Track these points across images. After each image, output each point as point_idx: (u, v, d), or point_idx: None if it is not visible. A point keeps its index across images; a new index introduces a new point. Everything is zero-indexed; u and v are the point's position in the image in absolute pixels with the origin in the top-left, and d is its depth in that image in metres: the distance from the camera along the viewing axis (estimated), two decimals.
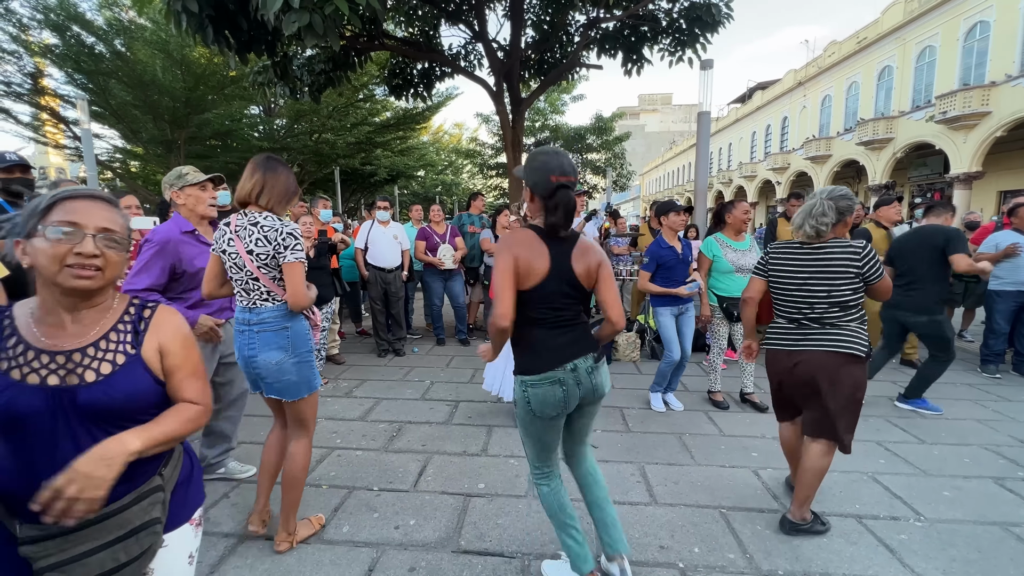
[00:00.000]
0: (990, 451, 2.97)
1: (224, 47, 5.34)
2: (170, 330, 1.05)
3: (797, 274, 2.12)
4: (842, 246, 2.05)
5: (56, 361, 0.92)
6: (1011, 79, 15.14)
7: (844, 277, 2.03)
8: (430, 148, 23.90)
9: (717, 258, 3.62)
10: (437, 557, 2.01)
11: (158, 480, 0.99)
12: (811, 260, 2.09)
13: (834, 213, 2.05)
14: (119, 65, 10.86)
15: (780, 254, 2.20)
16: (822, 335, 2.07)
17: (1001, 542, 2.10)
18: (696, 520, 2.27)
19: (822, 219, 2.04)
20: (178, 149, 12.75)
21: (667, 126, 60.28)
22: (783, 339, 2.20)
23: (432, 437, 3.18)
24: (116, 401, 0.93)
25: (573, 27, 8.50)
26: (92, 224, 0.92)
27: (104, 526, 0.89)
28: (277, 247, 1.84)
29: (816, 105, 25.53)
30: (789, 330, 2.18)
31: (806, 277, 2.09)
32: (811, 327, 2.11)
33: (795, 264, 2.13)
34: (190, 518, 1.08)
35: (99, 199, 0.97)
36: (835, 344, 2.05)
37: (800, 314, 2.13)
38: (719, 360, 3.78)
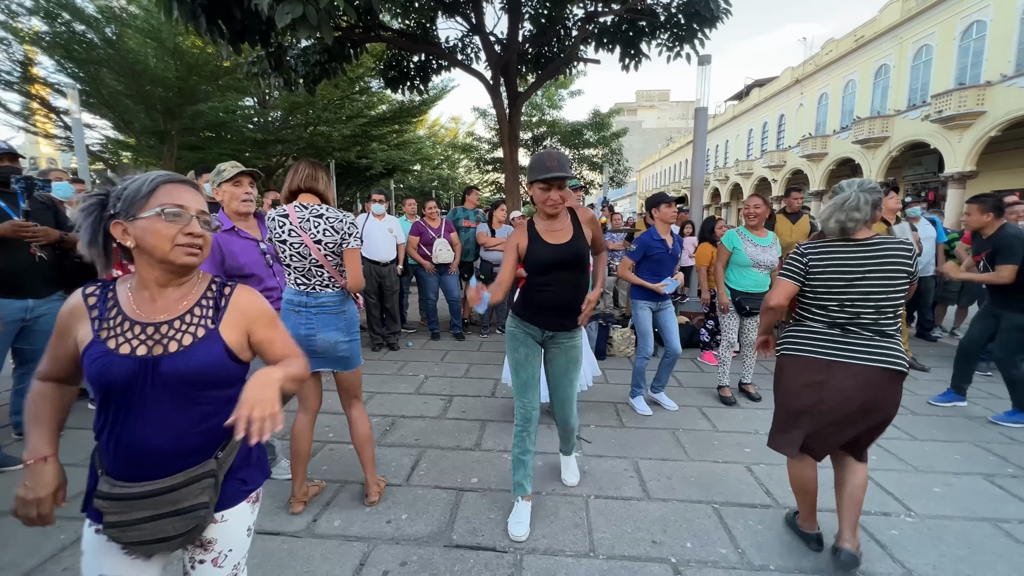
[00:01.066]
0: (980, 448, 2.99)
1: (217, 37, 5.26)
2: (252, 309, 1.13)
3: (845, 274, 1.83)
4: (895, 243, 1.83)
5: (146, 332, 1.01)
6: (1006, 79, 15.19)
7: (899, 277, 1.79)
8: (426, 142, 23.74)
9: (736, 251, 3.59)
10: (429, 551, 2.01)
11: (212, 464, 1.05)
12: (863, 257, 1.82)
13: (869, 208, 1.83)
14: (110, 54, 10.70)
15: (822, 253, 1.89)
16: (871, 346, 1.81)
17: (990, 538, 2.12)
18: (689, 515, 2.28)
19: (853, 214, 1.83)
20: (171, 140, 12.61)
21: (664, 122, 60.23)
22: (819, 345, 1.89)
23: (425, 431, 3.17)
24: (191, 370, 1.01)
25: (571, 21, 8.43)
26: (194, 207, 1.03)
27: (157, 500, 0.98)
28: (343, 235, 2.13)
29: (813, 103, 25.55)
30: (830, 336, 1.87)
31: (857, 276, 1.81)
32: (860, 334, 1.83)
33: (842, 263, 1.84)
34: (248, 496, 1.16)
35: (192, 184, 1.08)
36: (886, 359, 1.79)
37: (846, 318, 1.85)
38: (728, 354, 3.77)
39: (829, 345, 1.87)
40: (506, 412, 3.50)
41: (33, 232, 2.82)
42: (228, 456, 1.10)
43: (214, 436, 1.06)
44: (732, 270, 3.65)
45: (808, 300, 1.94)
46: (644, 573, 1.89)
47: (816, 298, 1.91)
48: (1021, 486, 2.54)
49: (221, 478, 1.08)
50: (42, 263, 2.91)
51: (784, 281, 1.97)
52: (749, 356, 3.78)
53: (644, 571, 1.90)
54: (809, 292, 1.93)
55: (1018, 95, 14.74)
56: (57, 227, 3.02)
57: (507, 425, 3.28)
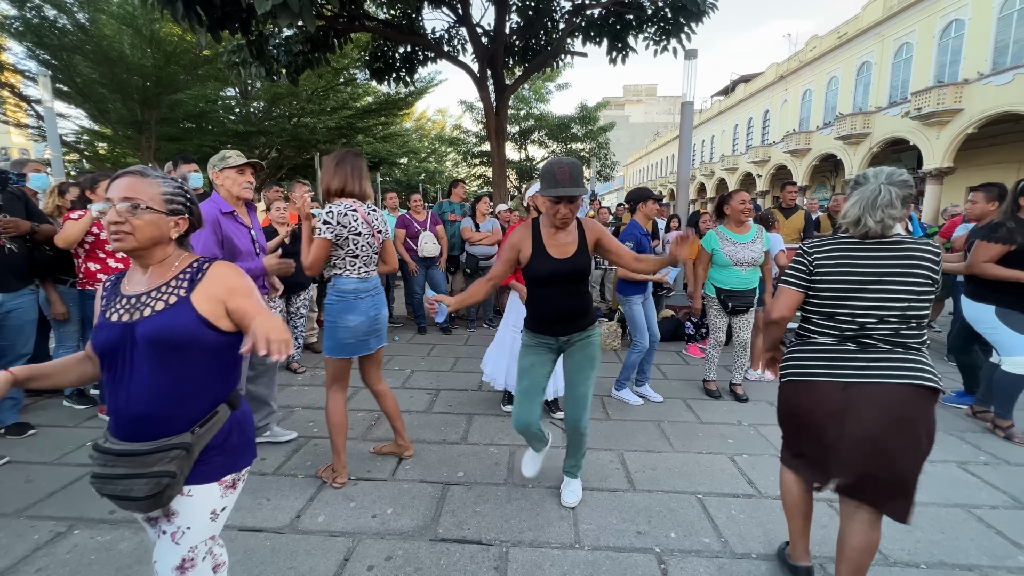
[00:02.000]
0: (954, 436, 3.07)
1: (195, 24, 5.12)
2: (226, 280, 1.20)
3: (859, 277, 1.53)
4: (920, 244, 1.52)
5: (130, 303, 1.15)
6: (983, 77, 15.54)
7: (924, 283, 1.48)
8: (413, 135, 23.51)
9: (716, 252, 3.58)
10: (415, 546, 2.00)
11: (187, 437, 1.13)
12: (881, 259, 1.52)
13: (901, 204, 1.51)
14: (83, 40, 10.36)
15: (831, 253, 1.58)
16: (894, 360, 1.49)
17: (963, 523, 2.18)
18: (673, 505, 2.30)
19: (889, 211, 1.50)
20: (149, 131, 12.28)
21: (651, 117, 60.49)
22: (830, 366, 1.56)
23: (411, 426, 3.15)
24: (160, 331, 1.11)
25: (558, 13, 8.39)
26: (117, 195, 1.12)
27: (132, 460, 1.10)
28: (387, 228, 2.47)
29: (797, 99, 25.86)
30: (842, 354, 1.56)
31: (873, 280, 1.51)
32: (878, 348, 1.52)
33: (857, 264, 1.54)
34: (220, 478, 1.20)
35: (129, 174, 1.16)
36: (914, 374, 1.47)
37: (860, 330, 1.53)
38: (716, 352, 3.77)
39: (845, 364, 1.55)
40: (493, 405, 3.49)
41: (3, 224, 2.73)
42: (206, 433, 1.17)
43: (193, 408, 1.16)
44: (715, 269, 3.64)
45: (813, 309, 1.63)
46: (628, 564, 1.91)
47: (823, 306, 1.60)
48: (993, 473, 2.62)
49: (196, 453, 1.15)
50: (12, 255, 2.82)
51: (786, 289, 1.67)
52: (741, 356, 3.74)
53: (628, 562, 1.92)
54: (815, 299, 1.61)
55: (994, 93, 15.09)
56: (28, 219, 2.92)
57: (494, 418, 3.27)
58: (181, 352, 1.13)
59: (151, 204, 1.14)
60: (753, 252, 3.53)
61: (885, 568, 1.89)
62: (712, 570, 1.88)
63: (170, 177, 1.22)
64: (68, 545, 1.96)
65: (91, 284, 3.05)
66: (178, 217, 1.20)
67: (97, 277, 3.04)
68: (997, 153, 16.75)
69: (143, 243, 1.14)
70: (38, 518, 2.12)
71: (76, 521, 2.10)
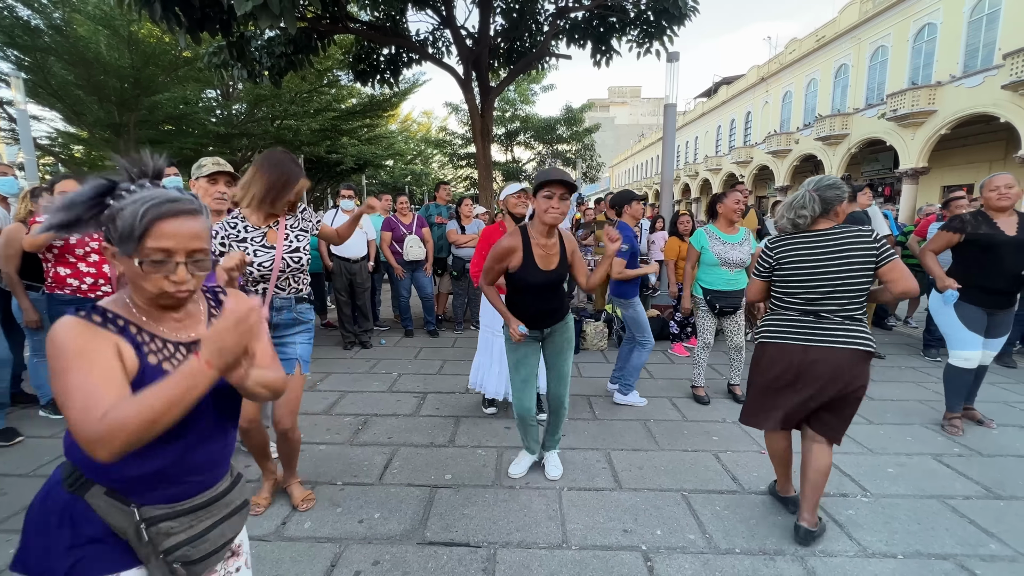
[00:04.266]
0: (930, 429, 3.16)
1: (174, 24, 5.04)
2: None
3: (809, 263, 1.98)
4: (853, 231, 1.95)
5: (189, 350, 0.98)
6: (955, 79, 16.00)
7: (860, 264, 1.90)
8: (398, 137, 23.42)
9: (704, 250, 3.54)
10: (402, 550, 1.99)
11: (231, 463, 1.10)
12: (823, 247, 1.97)
13: (817, 204, 1.97)
14: (58, 41, 10.12)
15: (785, 246, 2.06)
16: (842, 330, 1.94)
17: (938, 514, 2.25)
18: (659, 503, 2.33)
19: (801, 211, 1.99)
20: (128, 133, 12.04)
21: (636, 119, 61.03)
22: (796, 332, 2.03)
23: (399, 429, 3.14)
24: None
25: (542, 16, 8.44)
26: (183, 247, 0.90)
27: (217, 506, 1.01)
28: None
29: (778, 101, 26.34)
30: (805, 323, 2.01)
31: (820, 265, 1.96)
32: (832, 320, 1.96)
33: (805, 253, 1.99)
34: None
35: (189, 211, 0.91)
36: (856, 341, 1.92)
37: (817, 305, 1.98)
38: (704, 355, 3.69)
39: (804, 331, 2.01)
40: (480, 408, 3.49)
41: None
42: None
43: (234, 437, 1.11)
44: (703, 269, 3.58)
45: (780, 290, 2.10)
46: (615, 562, 1.93)
47: (787, 288, 2.06)
48: (967, 464, 2.70)
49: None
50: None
51: (754, 280, 2.21)
52: (736, 360, 3.70)
53: (615, 560, 1.94)
54: (781, 283, 2.09)
55: (966, 95, 15.55)
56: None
57: (481, 420, 3.28)
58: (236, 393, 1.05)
59: (209, 249, 0.95)
60: (741, 253, 3.48)
61: (863, 559, 1.94)
62: (697, 566, 1.91)
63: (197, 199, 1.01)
64: None
65: (60, 289, 2.96)
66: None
67: (67, 282, 2.94)
68: (969, 153, 17.25)
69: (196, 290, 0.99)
70: (13, 531, 2.06)
71: None
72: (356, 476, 2.56)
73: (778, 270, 2.08)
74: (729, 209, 3.55)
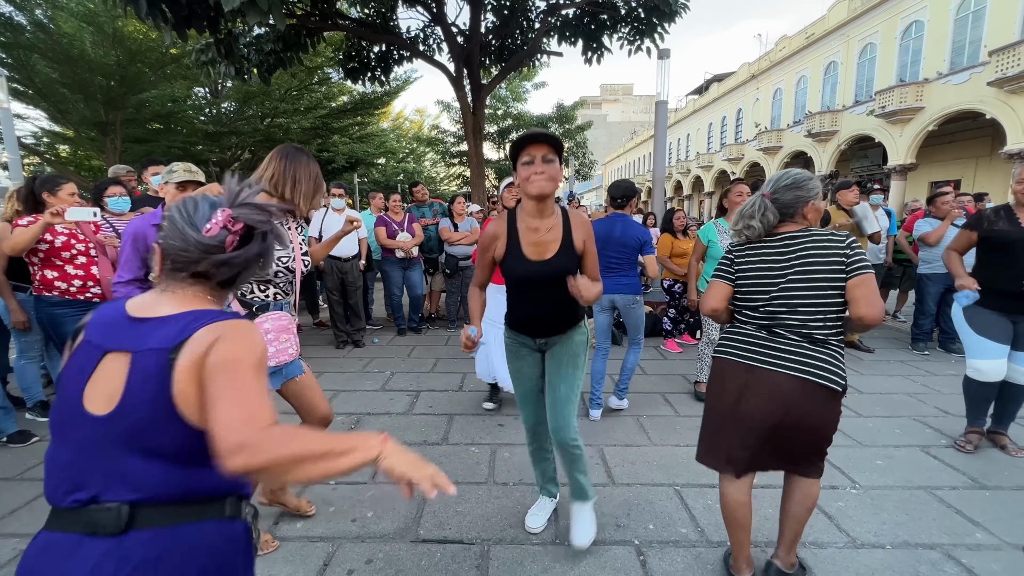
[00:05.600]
0: (918, 422, 3.20)
1: (160, 21, 4.97)
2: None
3: (768, 272, 1.65)
4: (821, 236, 1.60)
5: None
6: (942, 76, 16.18)
7: (827, 273, 1.55)
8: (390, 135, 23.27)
9: (712, 244, 3.45)
10: (395, 548, 1.99)
11: None
12: (783, 253, 1.63)
13: (771, 213, 1.65)
14: (42, 38, 9.94)
15: (747, 251, 1.73)
16: (796, 353, 1.57)
17: (925, 504, 2.28)
18: (651, 498, 2.34)
19: (749, 222, 1.67)
20: (114, 132, 11.86)
21: (628, 116, 61.14)
22: (743, 349, 1.68)
23: (392, 428, 3.13)
24: None
25: (533, 13, 8.42)
26: None
27: None
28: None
29: (768, 98, 26.50)
30: (754, 339, 1.67)
31: (778, 274, 1.63)
32: (785, 338, 1.60)
33: (764, 261, 1.67)
34: None
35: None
36: (810, 369, 1.55)
37: (772, 319, 1.64)
38: (708, 351, 3.56)
39: (752, 348, 1.66)
40: (474, 405, 3.49)
41: None
42: None
43: None
44: (710, 264, 3.49)
45: (739, 301, 1.75)
46: (608, 557, 1.94)
47: (744, 298, 1.73)
48: (954, 456, 2.74)
49: None
50: None
51: (715, 282, 1.79)
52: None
53: (608, 555, 1.95)
54: (739, 292, 1.75)
55: (953, 92, 15.73)
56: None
57: (475, 418, 3.28)
58: None
59: None
60: None
61: (852, 551, 1.96)
62: (689, 560, 1.92)
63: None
64: None
65: (48, 291, 2.90)
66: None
67: (55, 284, 2.89)
68: (956, 149, 17.47)
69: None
70: (1, 535, 2.03)
71: None
72: (349, 475, 2.54)
73: (740, 277, 1.73)
74: (734, 203, 3.46)
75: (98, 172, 14.11)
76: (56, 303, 2.89)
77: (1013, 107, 13.97)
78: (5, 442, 2.86)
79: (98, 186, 3.28)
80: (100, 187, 3.24)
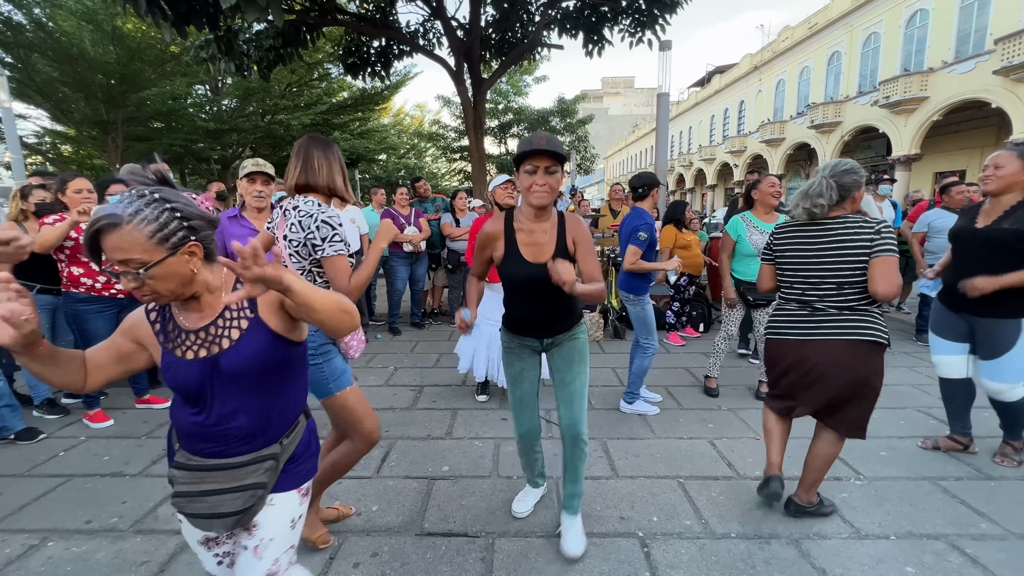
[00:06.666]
0: (922, 413, 3.19)
1: (159, 18, 4.96)
2: None
3: (804, 255, 1.95)
4: (855, 221, 1.85)
5: (199, 337, 1.08)
6: (947, 66, 16.02)
7: (855, 252, 1.82)
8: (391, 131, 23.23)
9: (741, 239, 3.37)
10: (400, 541, 2.00)
11: (276, 448, 1.14)
12: (819, 238, 1.91)
13: (835, 192, 1.88)
14: (42, 37, 9.95)
15: (784, 235, 2.03)
16: (839, 321, 1.88)
17: (930, 495, 2.28)
18: (655, 490, 2.35)
19: (818, 200, 1.89)
20: (116, 130, 11.88)
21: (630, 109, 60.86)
22: (792, 326, 2.00)
23: (396, 422, 3.15)
24: (250, 361, 1.08)
25: (533, 6, 8.36)
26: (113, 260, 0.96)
27: (223, 474, 1.08)
28: (314, 237, 1.68)
29: (771, 89, 26.29)
30: (800, 317, 1.98)
31: (815, 257, 1.92)
32: (827, 312, 1.91)
33: (801, 244, 1.95)
34: (299, 487, 1.20)
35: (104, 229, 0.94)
36: (855, 331, 1.86)
37: (811, 297, 1.94)
38: (723, 346, 3.52)
39: (800, 324, 1.97)
40: (476, 398, 3.50)
41: None
42: (291, 444, 1.18)
43: (280, 422, 1.16)
44: (738, 259, 3.42)
45: (782, 280, 2.08)
46: (612, 549, 1.94)
47: (785, 279, 2.05)
48: None
49: (281, 463, 1.15)
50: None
51: (762, 265, 2.19)
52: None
53: (613, 547, 1.95)
54: (780, 272, 2.07)
55: (957, 81, 15.58)
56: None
57: (479, 412, 3.29)
58: (267, 375, 1.12)
59: (147, 257, 0.95)
60: None
61: (857, 541, 1.96)
62: (693, 551, 1.93)
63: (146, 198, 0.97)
64: (42, 557, 1.91)
65: (75, 287, 2.96)
66: (188, 246, 1.01)
67: (81, 281, 2.95)
68: (961, 139, 17.31)
69: (176, 292, 1.03)
70: (9, 531, 2.05)
71: (50, 533, 2.05)
72: (353, 469, 2.54)
73: (778, 259, 2.06)
74: (765, 194, 3.35)
75: (100, 171, 14.15)
76: (83, 299, 2.96)
77: (1019, 96, 13.82)
78: (13, 439, 2.89)
79: (99, 185, 3.29)
80: (102, 185, 3.25)
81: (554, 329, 1.90)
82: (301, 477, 1.20)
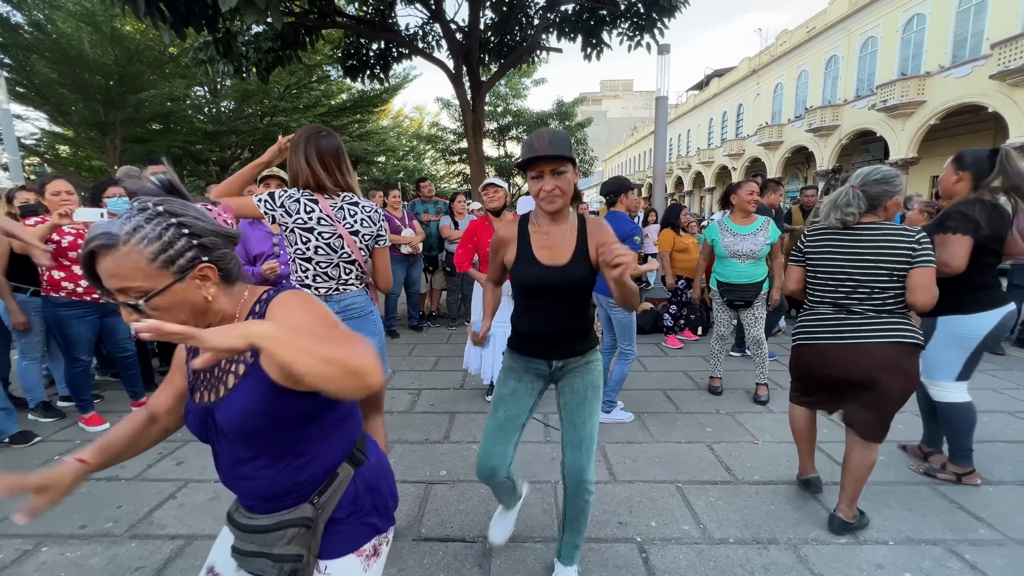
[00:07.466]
0: (917, 417, 3.18)
1: (158, 20, 4.96)
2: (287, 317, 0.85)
3: (838, 260, 1.97)
4: (894, 229, 1.87)
5: (204, 378, 0.93)
6: (944, 70, 16.11)
7: (894, 263, 1.85)
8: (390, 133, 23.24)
9: (715, 243, 3.49)
10: (397, 546, 1.99)
11: (308, 510, 0.92)
12: (854, 244, 1.93)
13: (862, 201, 1.91)
14: (40, 38, 9.94)
15: (818, 239, 2.05)
16: (879, 324, 1.90)
17: (928, 499, 2.27)
18: (653, 495, 2.34)
19: (847, 209, 1.92)
20: (114, 132, 11.87)
21: (629, 112, 60.96)
22: (828, 331, 2.00)
23: (393, 426, 3.13)
24: (239, 419, 0.85)
25: (532, 9, 8.39)
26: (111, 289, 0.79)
27: (258, 537, 0.93)
28: (379, 230, 1.95)
29: (769, 93, 26.39)
30: (836, 321, 1.98)
31: (849, 263, 1.94)
32: (864, 315, 1.92)
33: (835, 249, 1.98)
34: (358, 548, 0.98)
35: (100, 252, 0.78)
36: (894, 334, 1.87)
37: (846, 300, 1.96)
38: (717, 345, 3.66)
39: (835, 328, 1.98)
40: (476, 403, 3.49)
41: None
42: (328, 502, 0.95)
43: (307, 476, 0.93)
44: (718, 261, 3.54)
45: (812, 283, 2.09)
46: (610, 554, 1.94)
47: (818, 281, 2.06)
48: None
49: (321, 525, 0.94)
50: None
51: (791, 267, 2.22)
52: (757, 355, 3.53)
53: (610, 552, 1.95)
54: (811, 276, 2.09)
55: (955, 85, 15.66)
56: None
57: (477, 416, 3.28)
58: (269, 432, 0.89)
59: (148, 284, 0.79)
60: (753, 244, 3.35)
61: (856, 546, 1.96)
62: (691, 556, 1.92)
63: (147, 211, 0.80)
64: (35, 563, 1.90)
65: (55, 292, 2.92)
66: (199, 269, 0.83)
67: (62, 285, 2.91)
68: (959, 143, 17.35)
69: (187, 321, 0.85)
70: (2, 537, 2.04)
71: (44, 538, 2.03)
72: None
73: (810, 262, 2.08)
74: (743, 200, 3.43)
75: (99, 172, 14.13)
76: (63, 304, 2.90)
77: (1015, 100, 13.90)
78: (7, 443, 2.87)
79: (96, 186, 3.27)
80: (99, 188, 3.24)
81: (565, 350, 1.66)
82: (355, 538, 0.98)
